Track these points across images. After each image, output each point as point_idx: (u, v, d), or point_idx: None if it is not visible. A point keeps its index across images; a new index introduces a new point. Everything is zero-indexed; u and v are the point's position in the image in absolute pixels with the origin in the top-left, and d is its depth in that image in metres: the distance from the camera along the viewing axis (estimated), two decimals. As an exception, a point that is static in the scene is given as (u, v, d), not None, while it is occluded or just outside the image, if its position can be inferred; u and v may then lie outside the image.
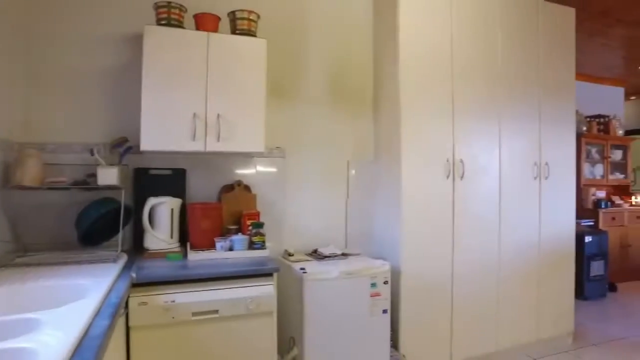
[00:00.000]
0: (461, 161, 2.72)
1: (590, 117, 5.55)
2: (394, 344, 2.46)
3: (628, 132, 6.14)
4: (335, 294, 2.16)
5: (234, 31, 2.25)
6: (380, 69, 2.81)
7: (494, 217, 2.87)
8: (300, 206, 2.69)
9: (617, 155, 5.84)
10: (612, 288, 4.82)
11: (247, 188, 2.45)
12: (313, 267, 2.20)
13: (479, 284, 2.80)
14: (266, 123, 2.25)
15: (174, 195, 2.17)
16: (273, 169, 2.62)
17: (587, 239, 4.42)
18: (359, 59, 2.89)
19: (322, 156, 2.77)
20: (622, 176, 5.91)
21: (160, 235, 2.06)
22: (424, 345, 2.59)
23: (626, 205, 5.64)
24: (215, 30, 2.18)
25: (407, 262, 2.52)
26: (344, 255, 2.49)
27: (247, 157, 2.54)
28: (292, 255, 2.43)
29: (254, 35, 2.26)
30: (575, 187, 3.34)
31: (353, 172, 2.85)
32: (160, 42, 2.02)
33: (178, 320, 1.68)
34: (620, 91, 6.17)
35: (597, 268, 4.50)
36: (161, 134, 2.02)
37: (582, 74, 5.54)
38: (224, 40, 2.15)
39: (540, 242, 3.09)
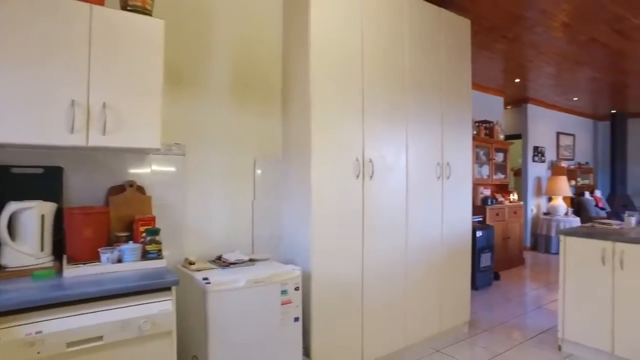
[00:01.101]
0: (370, 161, 2.71)
1: (479, 122, 6.09)
2: (306, 351, 2.35)
3: (507, 137, 6.87)
4: (243, 305, 1.98)
5: (124, 7, 1.94)
6: (290, 63, 2.69)
7: (402, 216, 2.93)
8: (203, 209, 2.45)
9: (500, 157, 6.50)
10: (496, 277, 5.33)
11: (140, 189, 2.14)
12: (217, 276, 1.99)
13: (388, 282, 2.83)
14: (163, 115, 1.98)
15: (47, 199, 1.79)
16: (171, 168, 2.34)
17: (478, 233, 4.81)
18: (269, 48, 2.73)
19: (227, 154, 2.56)
20: (503, 176, 6.59)
21: (25, 248, 1.67)
22: (336, 349, 2.53)
23: (506, 202, 6.30)
24: (100, 3, 1.85)
25: (318, 266, 2.43)
26: (252, 261, 2.31)
27: (140, 154, 2.22)
28: (194, 263, 2.19)
29: (149, 14, 1.97)
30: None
31: (260, 171, 2.69)
32: (24, 8, 1.64)
33: (46, 355, 1.35)
34: (500, 100, 6.88)
35: (485, 260, 4.93)
36: (27, 123, 1.64)
37: (472, 83, 6.05)
38: (112, 16, 1.84)
39: (443, 238, 3.24)
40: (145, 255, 1.82)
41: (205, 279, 1.93)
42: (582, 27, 3.96)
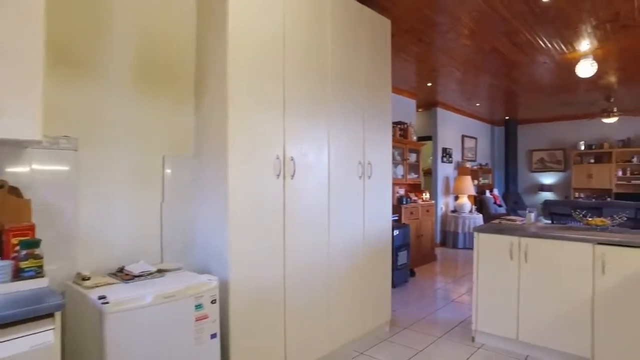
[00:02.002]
0: (292, 159, 2.56)
1: (394, 123, 6.27)
2: (224, 370, 2.13)
3: (419, 139, 7.20)
4: (150, 326, 1.70)
5: (-11, -35, 1.55)
6: (206, 51, 2.43)
7: (324, 217, 2.82)
8: (101, 214, 2.09)
9: (413, 157, 6.77)
10: (412, 274, 5.51)
11: (15, 191, 1.75)
12: (118, 293, 1.68)
13: (311, 286, 2.70)
14: (48, 102, 1.63)
15: None
16: (60, 166, 1.95)
17: (395, 232, 4.91)
18: (180, 30, 2.44)
19: (131, 150, 2.22)
20: (415, 176, 6.88)
21: None
22: (257, 363, 2.33)
23: (419, 201, 6.57)
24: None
25: (237, 273, 2.21)
26: (160, 272, 2.03)
27: (15, 148, 1.82)
28: (89, 279, 1.85)
29: (24, -23, 1.60)
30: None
31: (169, 170, 2.39)
32: None
33: None
34: (413, 103, 7.19)
35: (402, 258, 5.06)
36: None
37: (387, 85, 6.23)
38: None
39: (365, 238, 3.20)
40: (18, 275, 1.47)
41: (101, 297, 1.62)
42: (486, 37, 4.22)
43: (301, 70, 2.64)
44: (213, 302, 1.93)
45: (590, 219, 3.16)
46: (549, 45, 4.46)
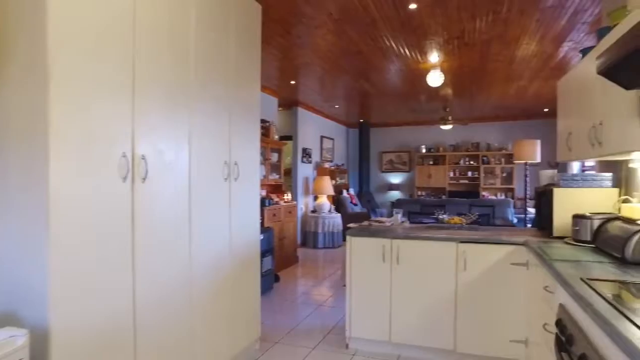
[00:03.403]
0: (143, 158, 2.01)
1: (257, 121, 5.93)
2: None
3: (280, 138, 7.01)
4: None
5: None
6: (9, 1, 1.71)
7: (185, 228, 2.32)
8: None
9: (275, 157, 6.54)
10: (277, 279, 5.27)
11: None
12: None
13: (170, 316, 2.18)
14: None
15: None
16: None
17: (260, 237, 4.57)
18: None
19: None
20: (277, 176, 6.68)
21: None
22: None
23: (282, 203, 6.38)
24: None
25: (62, 318, 1.58)
26: None
27: None
28: None
29: None
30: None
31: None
32: None
33: None
34: (275, 101, 6.97)
35: (267, 264, 4.76)
36: None
37: (250, 80, 5.86)
38: None
39: (232, 248, 2.79)
40: None
41: None
42: (354, 38, 4.21)
43: (158, 52, 2.09)
44: (19, 367, 1.30)
45: (449, 218, 3.34)
46: (408, 53, 4.70)
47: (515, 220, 6.50)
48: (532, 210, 7.82)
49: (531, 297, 2.54)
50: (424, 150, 10.24)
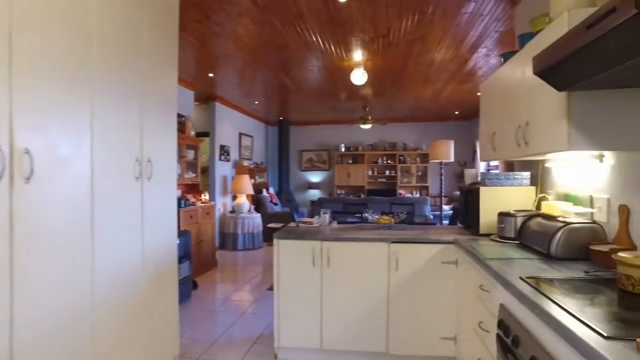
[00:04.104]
0: (27, 151, 1.61)
1: (171, 114, 5.44)
2: None
3: (196, 135, 6.54)
4: None
5: None
6: None
7: (84, 238, 1.94)
8: None
9: (191, 155, 6.09)
10: (195, 286, 4.87)
11: None
12: None
13: (67, 344, 1.79)
14: None
15: None
16: None
17: (176, 241, 4.16)
18: None
19: None
20: (194, 175, 6.23)
21: None
22: None
23: (199, 203, 5.96)
24: None
25: None
26: None
27: None
28: None
29: None
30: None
31: None
32: None
33: None
34: (191, 94, 6.49)
35: (184, 270, 4.36)
36: None
37: (163, 69, 5.35)
38: None
39: (146, 257, 2.43)
40: None
41: None
42: (280, 29, 4.00)
43: (45, 21, 1.70)
44: None
45: (378, 218, 3.29)
46: (333, 49, 4.61)
47: (432, 217, 6.80)
48: (446, 208, 8.30)
49: (462, 295, 2.57)
50: (343, 149, 10.36)
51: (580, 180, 2.26)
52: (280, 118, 10.02)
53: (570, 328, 1.13)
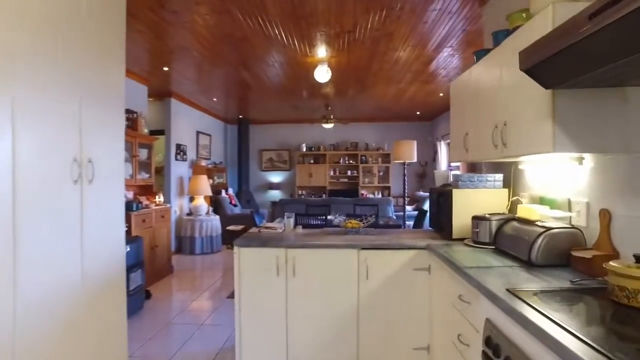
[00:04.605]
0: None
1: (120, 110, 5.02)
2: None
3: (150, 133, 6.13)
4: None
5: None
6: None
7: (4, 253, 1.63)
8: None
9: (144, 154, 5.67)
10: (148, 295, 4.51)
11: None
12: None
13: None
14: None
15: None
16: None
17: (126, 249, 3.81)
18: None
19: None
20: (147, 175, 5.81)
21: None
22: None
23: (153, 206, 5.56)
24: None
25: None
26: None
27: None
28: None
29: None
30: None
31: None
32: None
33: None
34: (144, 89, 6.07)
35: (136, 280, 4.00)
36: None
37: (111, 61, 4.92)
38: None
39: (86, 272, 2.13)
40: None
41: None
42: (240, 20, 3.74)
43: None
44: None
45: (345, 222, 3.12)
46: (296, 44, 4.40)
47: (395, 218, 6.74)
48: (409, 208, 8.30)
49: (437, 303, 2.44)
50: (304, 149, 10.16)
51: (557, 182, 2.19)
52: (240, 116, 9.69)
53: (578, 354, 0.99)
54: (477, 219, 2.43)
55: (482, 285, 1.63)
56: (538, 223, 2.03)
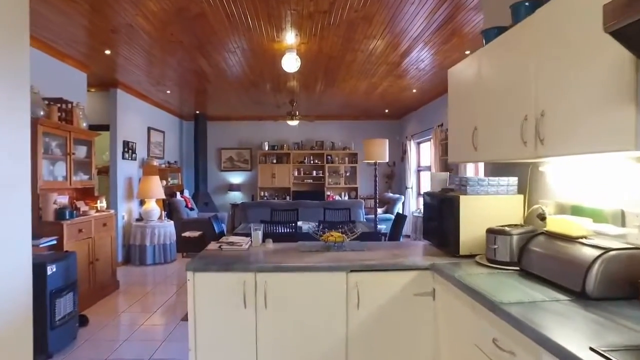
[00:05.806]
0: None
1: (50, 99, 4.22)
2: None
3: (91, 128, 5.31)
4: None
5: None
6: None
7: None
8: None
9: (82, 152, 4.87)
10: (84, 322, 3.76)
11: None
12: None
13: None
14: None
15: None
16: None
17: (51, 269, 3.08)
18: None
19: None
20: (86, 177, 5.00)
21: None
22: None
23: (93, 212, 4.78)
24: None
25: None
26: None
27: None
28: None
29: None
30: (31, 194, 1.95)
31: None
32: None
33: None
34: (83, 77, 5.25)
35: (65, 306, 3.26)
36: None
37: (40, 40, 4.12)
38: None
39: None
40: None
41: None
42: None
43: None
44: None
45: (326, 235, 2.59)
46: (262, 26, 3.81)
47: (365, 221, 6.31)
48: (380, 211, 7.89)
49: (447, 339, 1.95)
50: (266, 148, 9.54)
51: (599, 188, 1.75)
52: (197, 112, 8.92)
53: None
54: (493, 233, 1.97)
55: (547, 340, 1.15)
56: (586, 241, 1.59)
